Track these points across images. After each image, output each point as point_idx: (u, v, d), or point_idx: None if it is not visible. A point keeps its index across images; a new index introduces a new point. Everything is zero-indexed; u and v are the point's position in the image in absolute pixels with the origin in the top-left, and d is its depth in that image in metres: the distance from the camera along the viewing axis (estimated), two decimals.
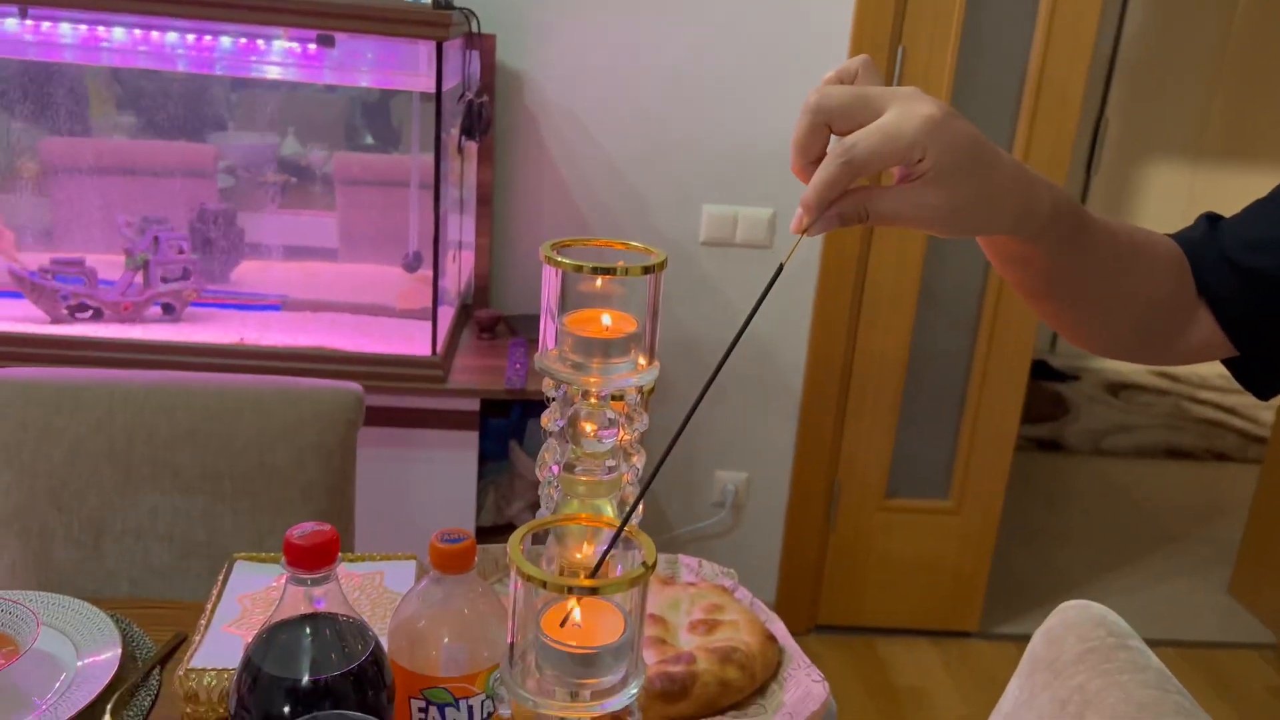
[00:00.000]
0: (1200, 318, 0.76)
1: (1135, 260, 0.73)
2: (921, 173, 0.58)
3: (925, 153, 0.57)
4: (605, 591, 0.56)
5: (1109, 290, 0.73)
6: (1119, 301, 0.74)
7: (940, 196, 0.59)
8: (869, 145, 0.57)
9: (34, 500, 1.32)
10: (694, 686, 0.88)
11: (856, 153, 0.57)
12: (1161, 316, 0.76)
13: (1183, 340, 0.77)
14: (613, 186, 2.28)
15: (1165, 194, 4.81)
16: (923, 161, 0.58)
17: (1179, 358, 0.78)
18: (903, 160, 0.58)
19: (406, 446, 1.92)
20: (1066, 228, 0.66)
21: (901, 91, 0.58)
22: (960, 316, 2.44)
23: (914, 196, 0.59)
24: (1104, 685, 0.80)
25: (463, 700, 0.77)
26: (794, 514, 2.53)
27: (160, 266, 1.93)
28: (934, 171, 0.58)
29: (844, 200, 0.59)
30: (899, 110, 0.57)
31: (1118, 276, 0.72)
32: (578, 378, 0.61)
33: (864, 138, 0.57)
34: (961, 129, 0.58)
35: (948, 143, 0.57)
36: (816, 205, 0.59)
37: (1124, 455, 3.92)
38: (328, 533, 0.71)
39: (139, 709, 0.91)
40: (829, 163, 0.58)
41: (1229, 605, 2.92)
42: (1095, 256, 0.70)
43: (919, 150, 0.57)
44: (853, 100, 0.58)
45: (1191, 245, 0.76)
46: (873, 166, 0.57)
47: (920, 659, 2.54)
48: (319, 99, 2.13)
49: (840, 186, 0.58)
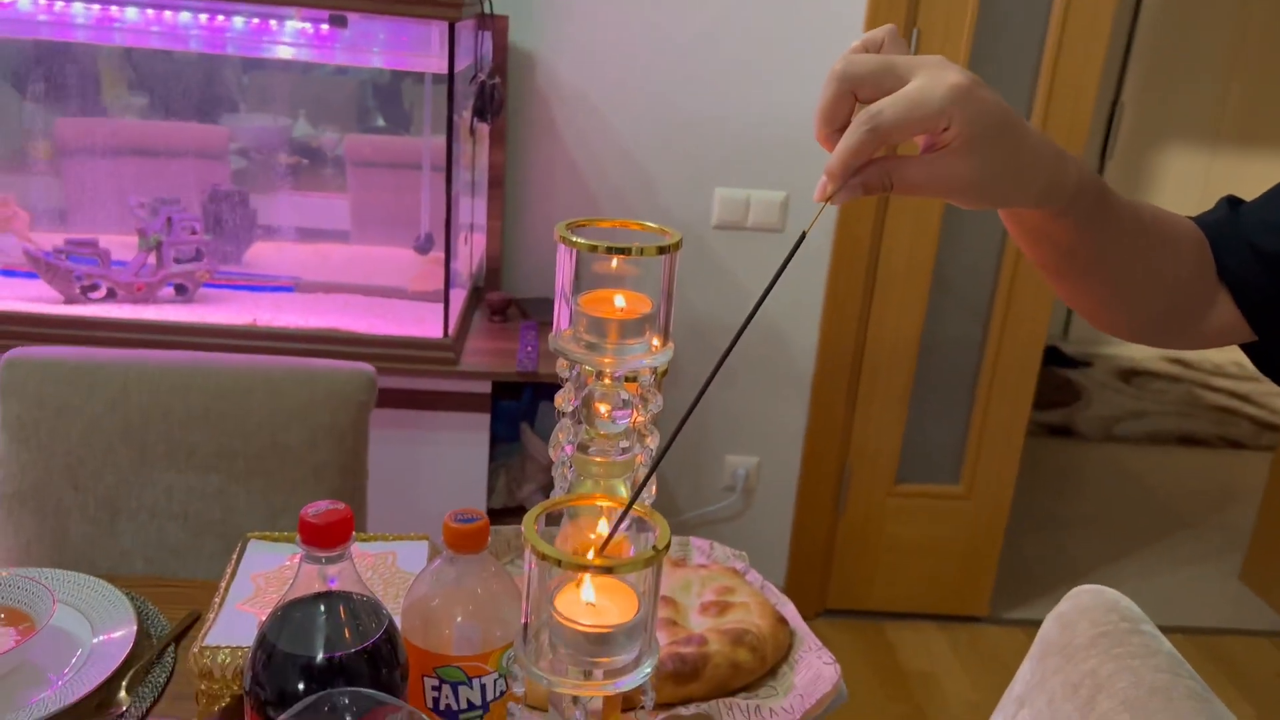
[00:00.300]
0: (1220, 301, 0.75)
1: (1158, 240, 0.72)
2: (947, 142, 0.57)
3: (952, 121, 0.56)
4: (619, 571, 0.56)
5: (1131, 270, 0.72)
6: (1141, 282, 0.73)
7: (966, 166, 0.58)
8: (895, 112, 0.56)
9: (50, 478, 1.33)
10: (705, 668, 0.88)
11: (882, 119, 0.56)
12: (1182, 299, 0.75)
13: (1203, 324, 0.76)
14: (625, 169, 2.28)
15: (1181, 180, 4.78)
16: (949, 130, 0.57)
17: (1198, 342, 0.78)
18: (929, 128, 0.57)
19: (418, 428, 1.93)
20: (1091, 202, 0.66)
21: (928, 60, 0.57)
22: (973, 301, 2.43)
23: (939, 166, 0.58)
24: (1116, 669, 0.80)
25: (476, 679, 0.77)
26: (804, 498, 2.53)
27: (173, 247, 1.94)
28: (960, 140, 0.57)
29: (868, 169, 0.58)
30: (926, 78, 0.56)
31: (1140, 256, 0.72)
32: (592, 358, 0.61)
33: (890, 105, 0.56)
34: (988, 98, 0.58)
35: (975, 112, 0.57)
36: (841, 172, 0.58)
37: (1136, 442, 3.91)
38: (342, 511, 0.71)
39: (154, 686, 0.92)
40: (854, 129, 0.57)
41: (1240, 592, 2.91)
42: (1119, 234, 0.69)
43: (945, 118, 0.56)
44: (879, 68, 0.57)
45: (1212, 228, 0.75)
46: (898, 134, 0.57)
47: (929, 643, 2.54)
48: (331, 80, 2.13)
49: (865, 154, 0.57)
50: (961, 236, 2.38)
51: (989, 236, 2.39)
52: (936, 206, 2.31)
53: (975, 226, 2.39)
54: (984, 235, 2.39)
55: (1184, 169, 4.79)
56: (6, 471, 1.33)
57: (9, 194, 1.97)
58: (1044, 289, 2.38)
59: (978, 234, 2.38)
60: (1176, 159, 4.79)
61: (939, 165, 0.58)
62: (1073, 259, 0.70)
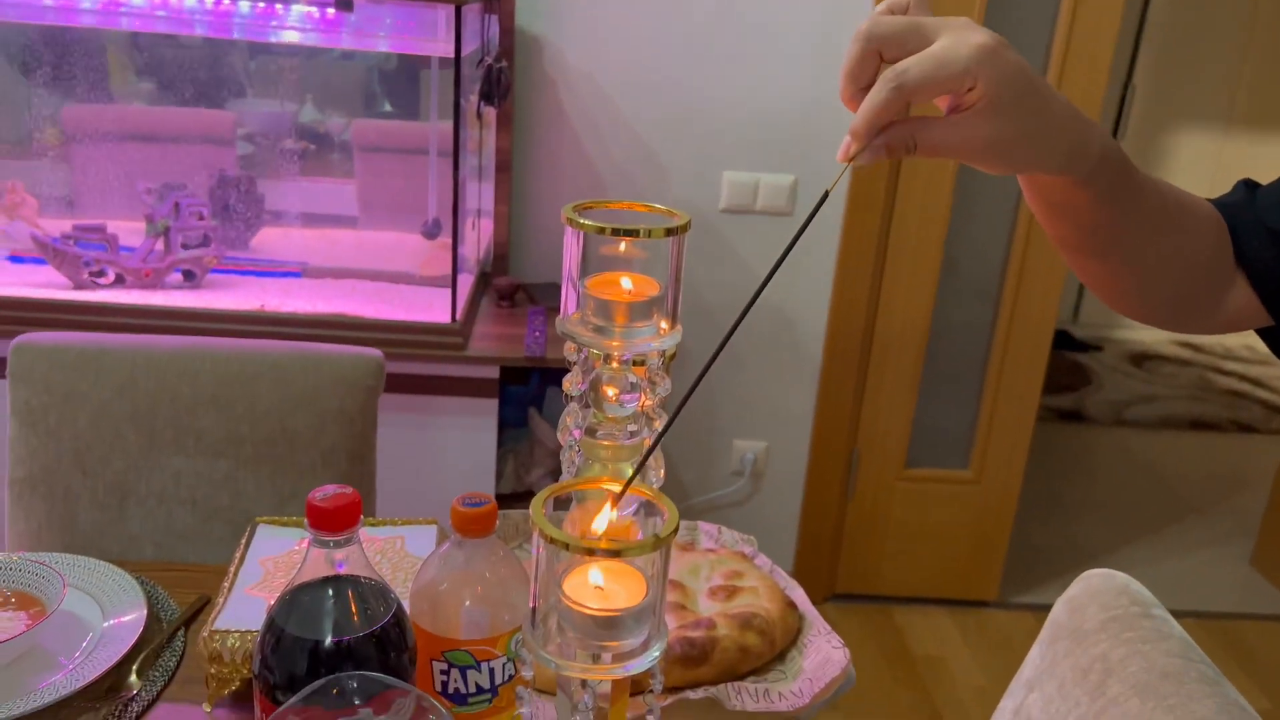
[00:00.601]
0: (1238, 285, 0.74)
1: (1178, 219, 0.71)
2: (972, 103, 0.57)
3: (977, 81, 0.56)
4: (627, 555, 0.56)
5: (1151, 248, 0.71)
6: (1160, 261, 0.72)
7: (990, 127, 0.58)
8: (921, 70, 0.56)
9: (59, 464, 1.33)
10: (714, 652, 0.88)
11: (908, 77, 0.56)
12: (1200, 281, 0.74)
13: (1220, 308, 0.75)
14: (633, 153, 2.27)
15: (1193, 161, 4.74)
16: (973, 90, 0.57)
17: (1215, 326, 0.77)
18: (954, 88, 0.57)
19: (426, 414, 1.93)
20: (1114, 173, 0.65)
21: (954, 21, 0.57)
22: (982, 285, 2.42)
23: (964, 127, 0.58)
24: (1126, 654, 0.79)
25: (484, 663, 0.77)
26: (813, 483, 2.52)
27: (181, 233, 1.94)
28: (984, 101, 0.57)
29: (892, 130, 0.58)
30: (952, 38, 0.56)
31: (1161, 234, 0.71)
32: (599, 341, 0.60)
33: (916, 63, 0.56)
34: (1014, 59, 0.57)
35: (1000, 72, 0.56)
36: (865, 131, 0.57)
37: (1147, 426, 3.89)
38: (350, 496, 0.71)
39: (164, 670, 0.93)
40: (879, 87, 0.56)
41: (1251, 577, 2.90)
42: (1140, 209, 0.68)
43: (970, 78, 0.56)
44: (905, 28, 0.57)
45: (1230, 211, 0.74)
46: (924, 92, 0.56)
47: (938, 628, 2.55)
48: (337, 65, 2.12)
49: (890, 112, 0.57)
50: (971, 220, 2.36)
51: (998, 220, 2.38)
52: (946, 189, 2.29)
53: (984, 210, 2.37)
54: (993, 219, 2.38)
55: (1196, 152, 4.75)
56: (16, 457, 1.33)
57: (17, 180, 1.97)
58: (1054, 272, 2.37)
59: (987, 217, 2.37)
60: (1188, 142, 4.75)
61: (963, 126, 0.58)
62: (1093, 234, 0.69)
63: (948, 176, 2.28)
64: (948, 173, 2.28)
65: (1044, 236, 2.33)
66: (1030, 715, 0.87)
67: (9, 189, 1.96)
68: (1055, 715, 0.83)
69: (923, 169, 2.28)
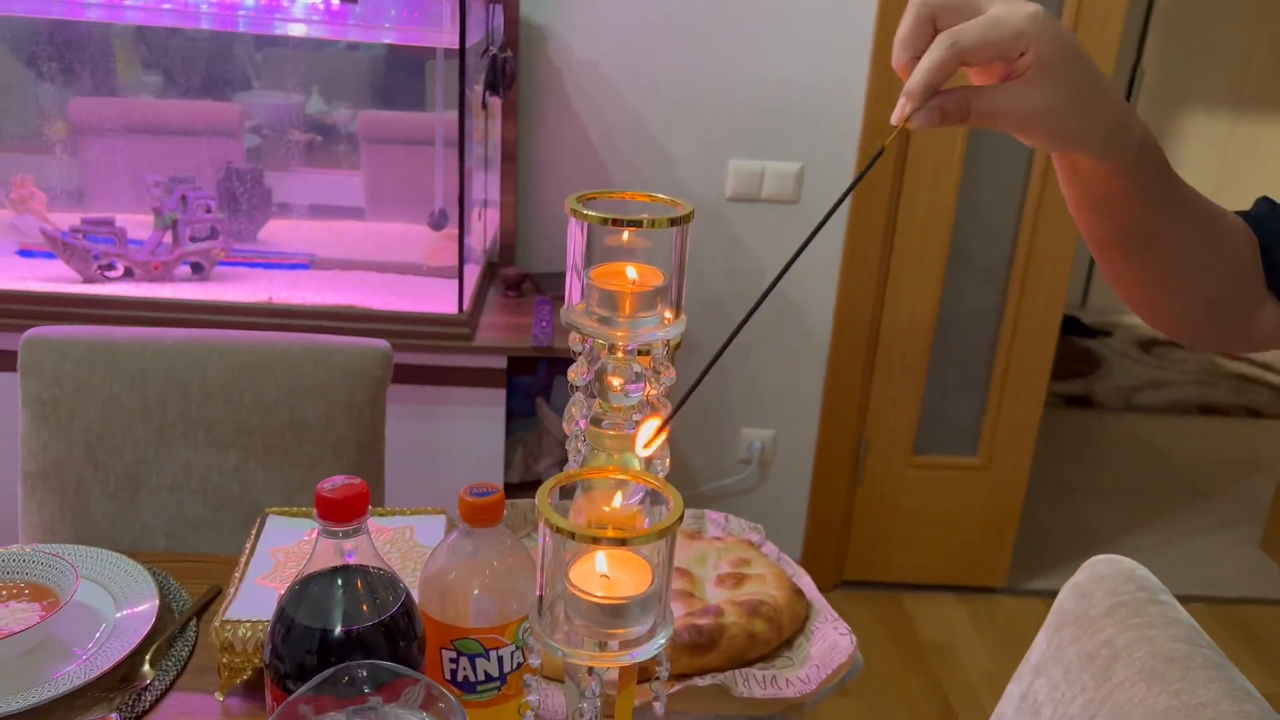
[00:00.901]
0: (1269, 304, 0.74)
1: (1213, 226, 0.71)
2: (1024, 68, 0.59)
3: (1029, 45, 0.58)
4: (633, 544, 0.56)
5: (1187, 251, 0.71)
6: (1195, 266, 0.72)
7: (1041, 94, 0.59)
8: (977, 30, 0.58)
9: (71, 456, 1.34)
10: (721, 639, 0.89)
11: (964, 36, 0.58)
12: (1233, 293, 0.74)
13: (1252, 325, 0.75)
14: (638, 142, 2.26)
15: (1203, 145, 4.71)
16: (1025, 55, 0.58)
17: (1248, 343, 0.77)
18: (1007, 51, 0.58)
19: (435, 404, 1.94)
20: (1154, 166, 0.66)
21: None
22: (990, 271, 2.42)
23: (1017, 94, 0.60)
24: (1133, 639, 0.80)
25: (493, 651, 0.78)
26: (821, 470, 2.53)
27: (188, 225, 1.94)
28: (1037, 66, 0.58)
29: (946, 95, 0.60)
30: (1005, 6, 0.59)
31: (1197, 236, 0.71)
32: (604, 331, 0.61)
33: (971, 25, 0.58)
34: (1065, 29, 0.60)
35: (1051, 37, 0.58)
36: (921, 91, 0.59)
37: (1156, 411, 3.88)
38: (358, 486, 0.72)
39: (177, 659, 0.93)
40: (935, 47, 0.58)
41: (1261, 561, 2.90)
42: (1178, 207, 0.69)
43: (1024, 41, 0.58)
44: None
45: (1258, 226, 0.74)
46: (979, 53, 0.58)
47: (947, 614, 2.55)
48: (343, 57, 2.13)
49: (946, 72, 0.58)
50: (978, 206, 2.36)
51: (1006, 206, 2.37)
52: (953, 176, 2.29)
53: (992, 196, 2.37)
54: (1001, 205, 2.37)
55: (1207, 134, 4.72)
56: (28, 450, 1.34)
57: (26, 175, 1.98)
58: (1062, 258, 2.36)
59: (995, 204, 2.36)
60: (1198, 125, 4.72)
61: (1016, 93, 0.60)
62: (1131, 231, 0.70)
63: (955, 162, 2.28)
64: (955, 159, 2.27)
65: (1052, 222, 2.33)
66: (1037, 700, 0.87)
67: (18, 183, 1.97)
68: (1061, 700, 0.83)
69: (929, 155, 2.27)
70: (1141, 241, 0.70)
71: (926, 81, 0.58)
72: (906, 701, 2.25)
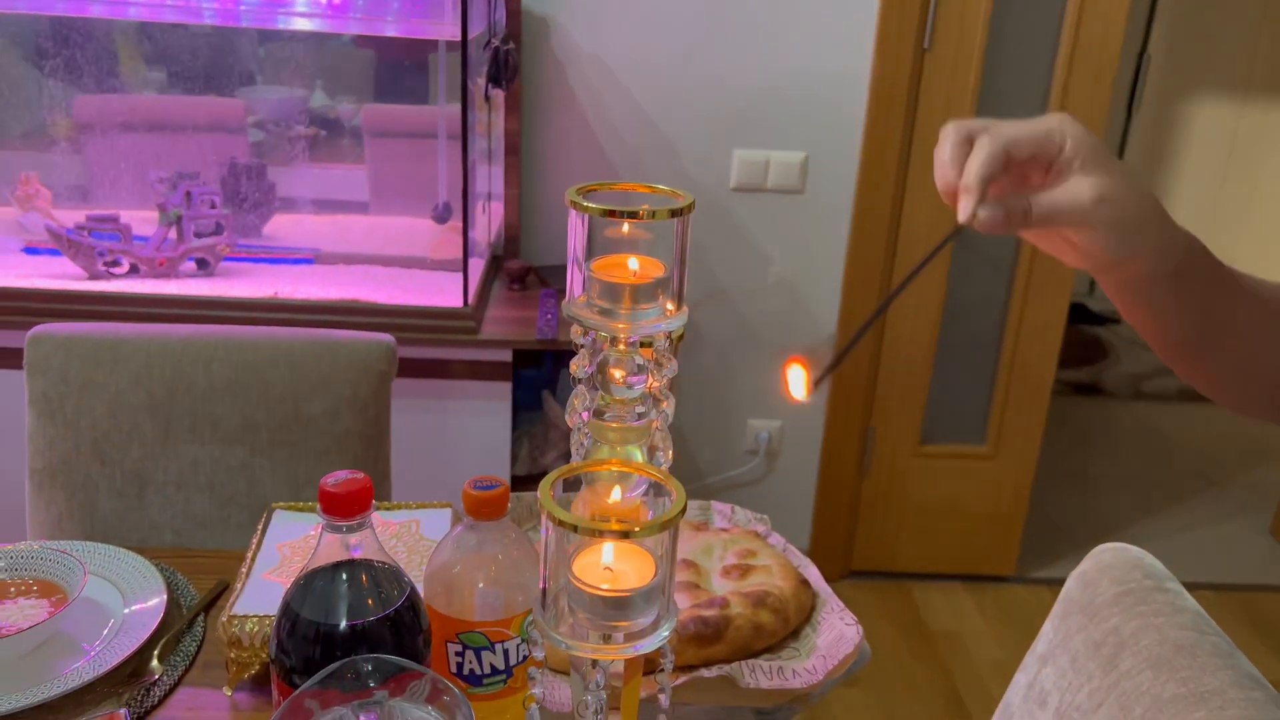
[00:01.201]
0: None
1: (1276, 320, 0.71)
2: (1066, 163, 0.63)
3: (1064, 138, 0.62)
4: (636, 536, 0.56)
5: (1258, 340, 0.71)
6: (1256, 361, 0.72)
7: (1093, 184, 0.62)
8: (1013, 127, 0.63)
9: (78, 453, 1.34)
10: (728, 630, 0.88)
11: (1003, 132, 0.62)
12: None
13: None
14: (642, 133, 2.26)
15: (1210, 133, 4.68)
16: (1064, 151, 0.63)
17: None
18: (1045, 144, 0.63)
19: (440, 398, 1.94)
20: (1203, 260, 0.67)
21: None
22: (997, 259, 2.41)
23: (1070, 187, 0.63)
24: (1139, 627, 0.79)
25: (498, 644, 0.78)
26: (828, 460, 2.52)
27: (193, 221, 1.95)
28: (1079, 157, 0.62)
29: (1009, 197, 0.63)
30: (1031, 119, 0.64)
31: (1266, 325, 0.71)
32: (606, 323, 0.60)
33: (1008, 124, 0.63)
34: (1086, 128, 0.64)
35: (1082, 131, 0.63)
36: (978, 184, 0.62)
37: (1164, 399, 3.86)
38: (361, 480, 0.72)
39: (185, 654, 0.94)
40: (980, 146, 0.63)
41: (1270, 548, 2.89)
42: (1237, 301, 0.70)
43: (1059, 135, 0.62)
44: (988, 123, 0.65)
45: None
46: (1020, 146, 0.63)
47: (955, 603, 2.55)
48: (346, 50, 2.12)
49: (995, 164, 0.62)
50: None
51: None
52: None
53: None
54: None
55: (1213, 121, 4.68)
56: (35, 447, 1.35)
57: (31, 172, 1.98)
58: None
59: None
60: (1205, 110, 4.69)
61: (1070, 187, 0.63)
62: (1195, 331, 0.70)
63: None
64: None
65: None
66: (1044, 689, 0.87)
67: (23, 181, 1.97)
68: (1068, 689, 0.83)
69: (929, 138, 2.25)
70: (1207, 338, 0.71)
71: (981, 174, 0.62)
72: (915, 691, 2.25)
